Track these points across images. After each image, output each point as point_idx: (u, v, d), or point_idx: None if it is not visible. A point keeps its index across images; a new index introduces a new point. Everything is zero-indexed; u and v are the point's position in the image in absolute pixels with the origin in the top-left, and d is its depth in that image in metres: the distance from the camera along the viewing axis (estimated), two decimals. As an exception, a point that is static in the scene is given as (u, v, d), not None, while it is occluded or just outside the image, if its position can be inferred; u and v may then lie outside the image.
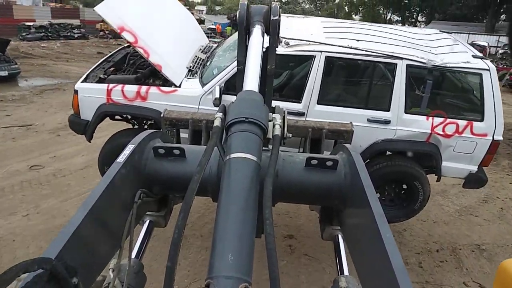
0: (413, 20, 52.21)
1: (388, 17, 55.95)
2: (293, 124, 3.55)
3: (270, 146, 1.29)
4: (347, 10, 62.76)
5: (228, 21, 38.02)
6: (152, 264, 3.60)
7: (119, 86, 4.09)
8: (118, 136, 4.33)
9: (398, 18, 55.74)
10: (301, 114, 4.03)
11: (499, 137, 3.98)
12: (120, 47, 5.46)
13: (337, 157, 1.55)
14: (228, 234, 0.93)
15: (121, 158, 1.35)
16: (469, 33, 38.53)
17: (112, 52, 5.26)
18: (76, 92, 4.22)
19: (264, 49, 1.85)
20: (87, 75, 4.46)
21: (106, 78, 4.38)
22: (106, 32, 28.78)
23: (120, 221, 1.30)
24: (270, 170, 1.11)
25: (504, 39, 34.90)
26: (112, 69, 4.73)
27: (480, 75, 3.92)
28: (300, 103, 4.04)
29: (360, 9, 57.83)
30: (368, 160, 4.14)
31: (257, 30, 1.87)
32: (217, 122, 1.28)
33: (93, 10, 4.04)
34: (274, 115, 1.37)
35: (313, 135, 3.58)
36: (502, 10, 39.44)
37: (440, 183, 4.67)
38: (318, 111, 4.01)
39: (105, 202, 1.16)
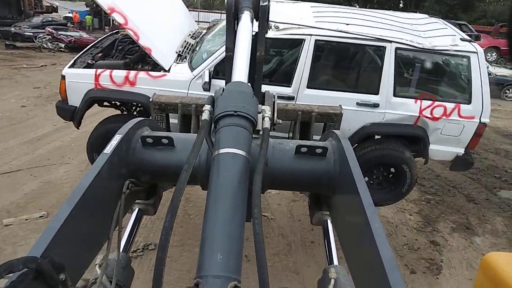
0: None
1: None
2: (282, 107, 3.56)
3: (261, 132, 1.27)
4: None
5: (88, 9, 30.16)
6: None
7: (107, 71, 4.05)
8: (106, 122, 4.30)
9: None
10: (291, 98, 4.04)
11: (486, 119, 4.04)
12: (108, 33, 5.41)
13: (326, 144, 1.54)
14: (217, 232, 0.92)
15: (108, 149, 1.32)
16: None
17: (100, 38, 5.21)
18: (63, 77, 4.18)
19: (253, 35, 1.84)
20: (75, 61, 4.41)
21: (94, 63, 4.33)
22: None
23: (109, 212, 1.29)
24: (259, 165, 1.10)
25: None
26: (100, 54, 4.68)
27: (468, 57, 3.96)
28: (290, 87, 4.05)
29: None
30: (357, 144, 4.17)
31: (246, 16, 1.83)
32: (205, 115, 1.26)
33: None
34: (263, 107, 1.35)
35: (302, 119, 3.60)
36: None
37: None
38: (308, 95, 4.02)
39: (92, 194, 1.15)
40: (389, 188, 4.40)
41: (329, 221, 1.63)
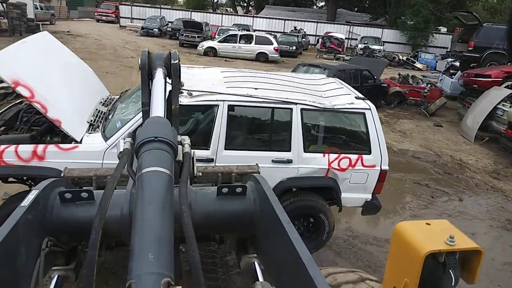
0: (245, 4, 52.12)
1: (216, 0, 54.01)
2: (202, 170, 3.64)
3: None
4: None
5: None
6: None
7: (12, 147, 3.81)
8: (15, 200, 3.96)
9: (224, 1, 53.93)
10: (210, 160, 4.15)
11: (385, 166, 4.52)
12: (11, 104, 5.10)
13: (245, 184, 1.68)
14: (147, 236, 0.92)
15: (25, 202, 1.28)
16: (317, 22, 35.40)
17: (2, 110, 4.88)
18: None
19: (167, 93, 1.95)
20: None
21: None
22: None
23: (26, 272, 1.23)
24: (183, 175, 1.15)
25: (359, 30, 32.96)
26: (2, 128, 4.37)
27: (363, 114, 4.46)
28: (208, 149, 4.17)
29: (184, -11, 52.69)
30: (277, 197, 4.35)
31: (159, 73, 1.96)
32: (126, 145, 1.31)
33: None
34: (182, 136, 1.41)
35: (223, 180, 3.70)
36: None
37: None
38: (226, 156, 4.16)
39: (9, 248, 1.09)
40: (311, 238, 4.61)
41: (256, 263, 1.70)
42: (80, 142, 3.95)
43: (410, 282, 1.62)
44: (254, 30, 31.64)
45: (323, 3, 49.17)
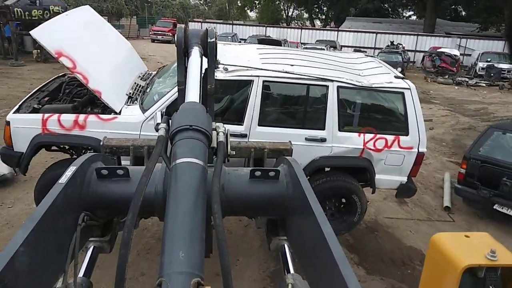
0: (323, 17, 47.72)
1: (289, 13, 50.65)
2: (236, 145, 3.67)
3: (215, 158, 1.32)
4: (239, 4, 54.76)
5: None
6: None
7: (55, 116, 3.98)
8: (56, 167, 4.16)
9: (299, 13, 50.30)
10: (244, 135, 4.17)
11: (423, 149, 4.37)
12: (54, 76, 5.31)
13: (279, 168, 1.66)
14: (178, 232, 0.94)
15: (63, 179, 1.32)
16: (417, 35, 29.13)
17: (46, 82, 5.10)
18: (8, 123, 4.03)
19: (203, 71, 1.94)
20: (20, 106, 4.28)
21: (40, 108, 4.23)
22: None
23: (64, 244, 1.28)
24: (216, 169, 1.16)
25: (475, 44, 26.47)
26: (46, 98, 4.58)
27: (402, 93, 4.31)
28: (242, 125, 4.18)
29: (256, 3, 51.58)
30: (309, 177, 4.33)
31: (195, 52, 1.93)
32: (161, 132, 1.31)
33: (29, 34, 3.96)
34: (217, 123, 1.42)
35: (255, 155, 3.72)
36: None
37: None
38: (260, 132, 4.16)
39: (48, 223, 1.14)
40: (342, 219, 4.57)
41: (286, 246, 1.70)
42: (119, 113, 4.07)
43: None
44: (341, 47, 27.45)
45: (411, 13, 42.78)
